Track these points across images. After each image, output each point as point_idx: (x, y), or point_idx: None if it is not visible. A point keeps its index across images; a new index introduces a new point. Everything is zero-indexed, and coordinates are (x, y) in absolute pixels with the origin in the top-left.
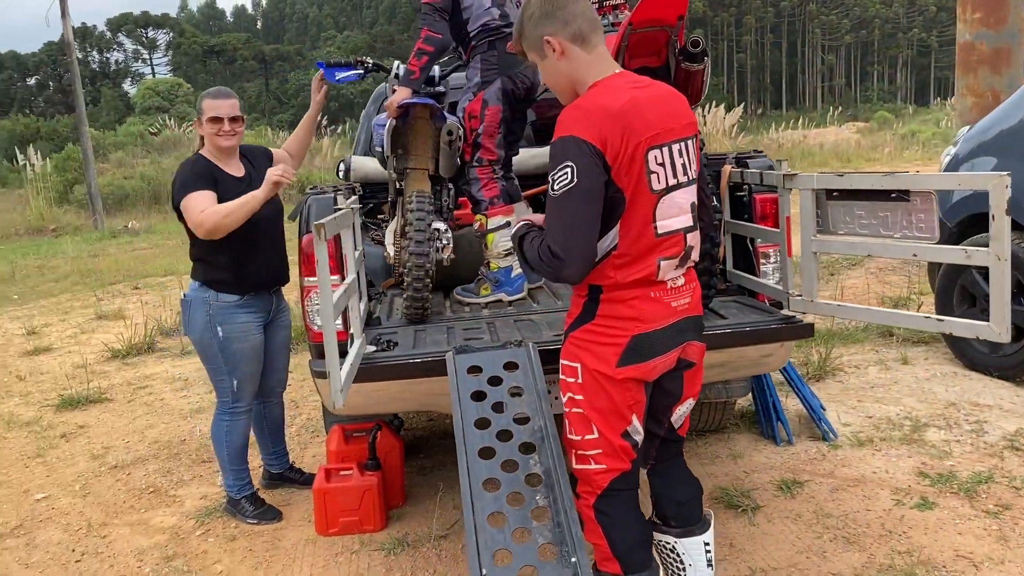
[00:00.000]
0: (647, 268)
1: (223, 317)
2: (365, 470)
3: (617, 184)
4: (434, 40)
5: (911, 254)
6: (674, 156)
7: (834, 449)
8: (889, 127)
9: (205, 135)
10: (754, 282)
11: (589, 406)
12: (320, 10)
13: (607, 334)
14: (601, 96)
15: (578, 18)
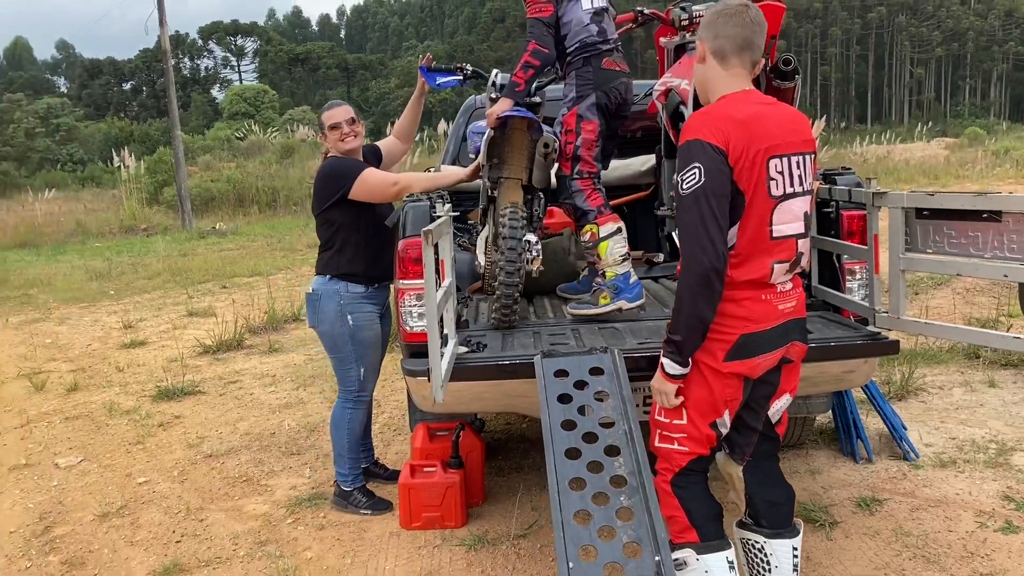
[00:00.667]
0: (761, 269)
1: (353, 306)
2: (448, 468)
3: (738, 185)
4: (541, 55)
5: (1002, 275)
6: (792, 167)
7: (915, 469)
8: (980, 143)
9: (331, 144)
10: (840, 298)
11: (689, 395)
12: (401, 20)
13: (717, 330)
14: (728, 106)
15: (726, 38)
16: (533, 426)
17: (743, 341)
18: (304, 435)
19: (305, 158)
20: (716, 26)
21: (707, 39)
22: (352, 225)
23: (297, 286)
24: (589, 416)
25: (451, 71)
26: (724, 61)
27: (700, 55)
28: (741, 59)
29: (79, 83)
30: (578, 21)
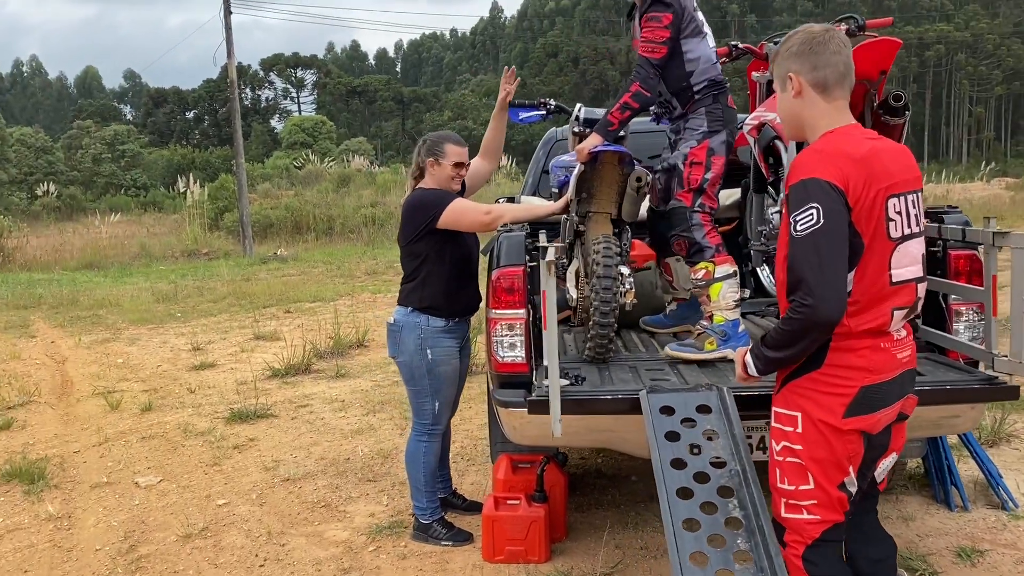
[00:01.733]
0: (881, 317)
1: (433, 340)
2: (533, 501)
3: (856, 228)
4: (643, 98)
5: None
6: (909, 206)
7: (1015, 519)
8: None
9: (442, 176)
10: (950, 340)
11: (808, 456)
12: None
13: (835, 383)
14: (841, 142)
15: (827, 67)
16: (609, 461)
17: (863, 394)
18: (379, 462)
19: (360, 187)
20: (814, 55)
21: (803, 71)
22: (438, 257)
23: (359, 312)
24: (698, 455)
25: (534, 106)
26: (827, 93)
27: (796, 89)
28: (844, 89)
29: (144, 111)
30: (707, 58)
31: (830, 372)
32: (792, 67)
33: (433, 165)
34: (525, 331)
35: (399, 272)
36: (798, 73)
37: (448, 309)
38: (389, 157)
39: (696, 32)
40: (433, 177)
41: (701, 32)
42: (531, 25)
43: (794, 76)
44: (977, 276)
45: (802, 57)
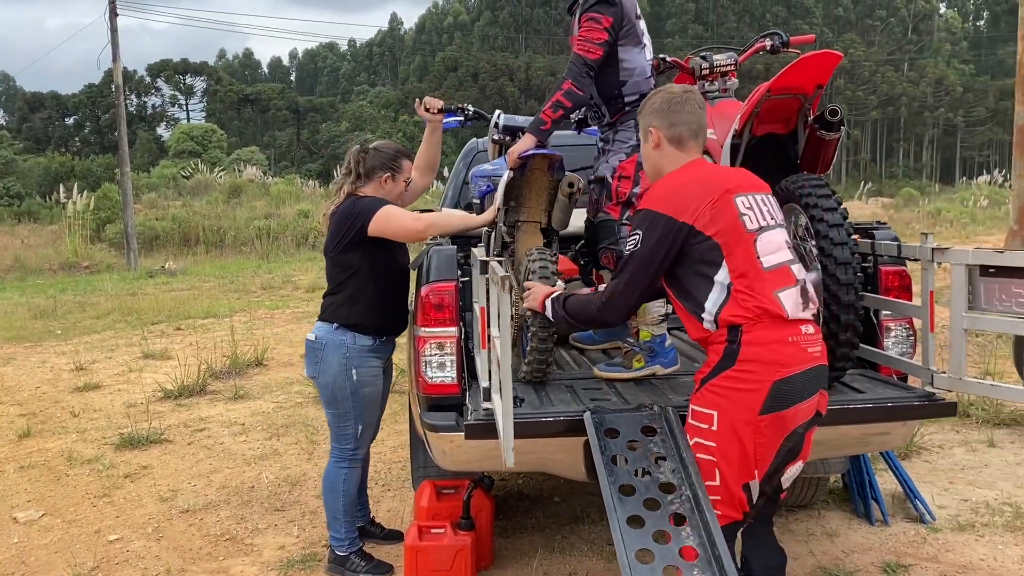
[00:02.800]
0: (768, 301)
1: (359, 360)
2: (458, 529)
3: (705, 232)
4: (575, 96)
5: None
6: (758, 203)
7: (933, 532)
8: (915, 204)
9: (393, 192)
10: (889, 357)
11: (720, 454)
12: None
13: (749, 379)
14: (683, 171)
15: (683, 126)
16: (531, 482)
17: (777, 389)
18: (286, 489)
19: (253, 198)
20: (671, 114)
21: (662, 127)
22: (369, 272)
23: (256, 328)
24: (646, 479)
25: (451, 111)
26: (682, 146)
27: (655, 141)
28: (697, 143)
29: (19, 116)
30: (641, 71)
31: (743, 369)
32: (653, 122)
33: (388, 180)
34: (456, 350)
35: (297, 286)
36: (657, 128)
37: (377, 327)
38: (283, 168)
39: (635, 41)
40: (382, 191)
41: (640, 42)
42: (429, 39)
43: (654, 130)
44: (906, 292)
45: (661, 114)
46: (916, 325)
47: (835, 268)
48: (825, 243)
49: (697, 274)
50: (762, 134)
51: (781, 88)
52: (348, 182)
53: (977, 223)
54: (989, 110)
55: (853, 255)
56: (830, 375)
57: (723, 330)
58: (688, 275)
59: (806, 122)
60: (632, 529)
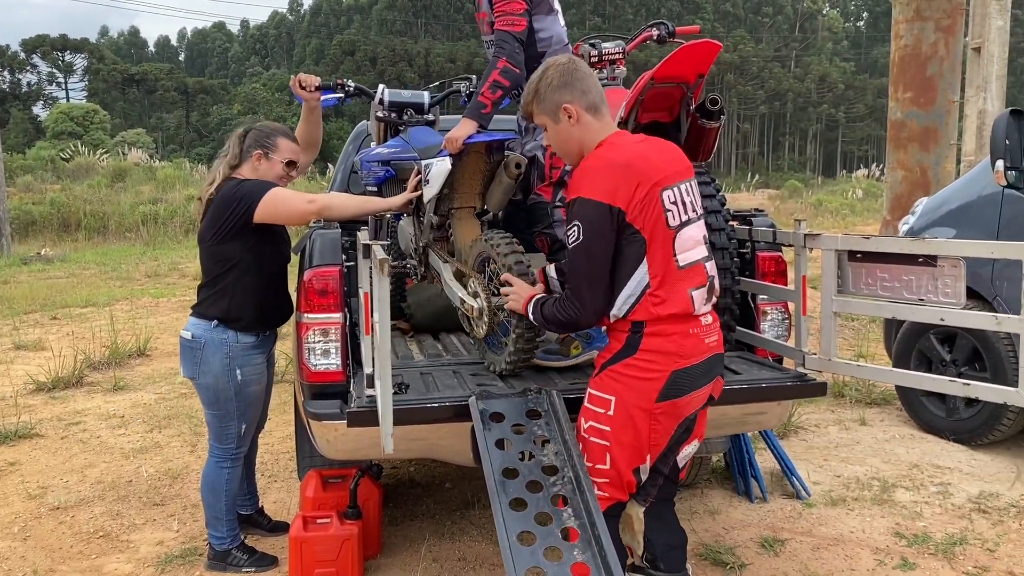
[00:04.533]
0: (682, 301)
1: (243, 359)
2: (345, 518)
3: (635, 226)
4: (512, 74)
5: (938, 319)
6: (682, 195)
7: (808, 507)
8: (799, 195)
9: (269, 174)
10: (765, 340)
11: (614, 439)
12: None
13: (649, 368)
14: (608, 152)
15: (593, 90)
16: (422, 469)
17: (674, 378)
18: (167, 483)
19: (139, 183)
20: (579, 82)
21: (576, 99)
22: (253, 262)
23: (139, 318)
24: (530, 463)
25: (329, 87)
26: (598, 112)
27: (574, 117)
28: (607, 107)
29: None
30: (558, 38)
31: (644, 358)
32: (564, 98)
33: (260, 159)
34: (341, 337)
35: (184, 274)
36: (571, 102)
37: (260, 321)
38: (172, 151)
39: (547, 9)
40: (257, 173)
41: (553, 8)
42: (327, 21)
43: (569, 106)
44: (782, 277)
45: (569, 87)
46: (791, 309)
47: (713, 253)
48: None
49: (622, 268)
50: (647, 122)
51: (664, 76)
52: (226, 163)
53: (856, 214)
54: (868, 107)
55: (730, 241)
56: None
57: (626, 322)
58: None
59: (688, 111)
60: (514, 512)
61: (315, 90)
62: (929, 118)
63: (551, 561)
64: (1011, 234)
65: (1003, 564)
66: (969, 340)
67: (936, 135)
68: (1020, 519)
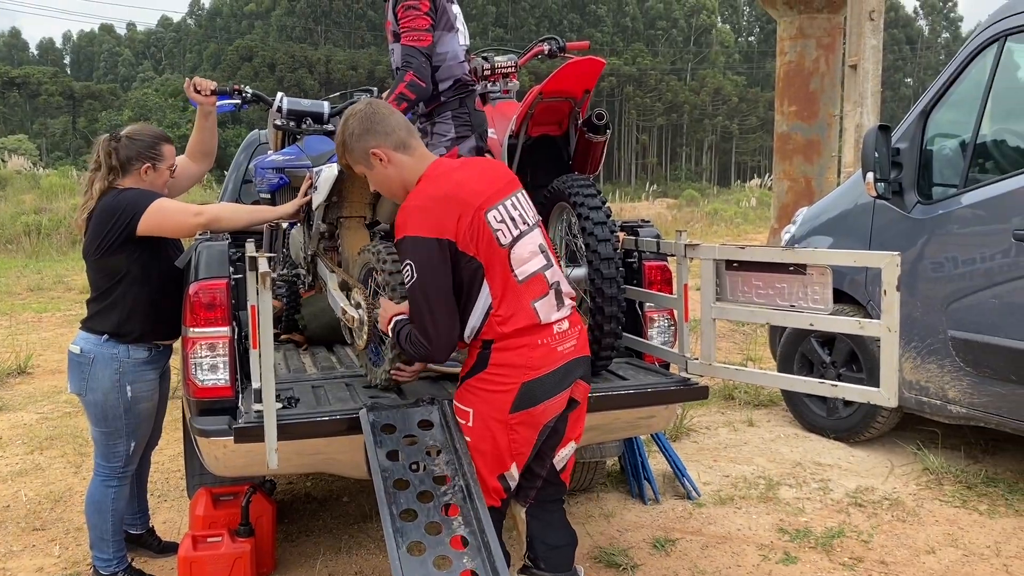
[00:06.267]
0: (526, 315)
1: (134, 375)
2: (236, 536)
3: (468, 254)
4: (418, 88)
5: (808, 324)
6: (509, 211)
7: (699, 507)
8: (696, 204)
9: (157, 183)
10: (651, 346)
11: (474, 448)
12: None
13: (499, 382)
14: (427, 187)
15: (397, 129)
16: (319, 484)
17: (525, 389)
18: (47, 507)
19: (20, 191)
20: (377, 128)
21: (383, 142)
22: (141, 275)
23: (19, 334)
24: (421, 473)
25: (226, 92)
26: (407, 148)
27: (385, 161)
28: (416, 139)
29: None
30: (453, 55)
31: (494, 372)
32: (370, 144)
33: (148, 171)
34: (229, 351)
35: (70, 287)
36: (379, 146)
37: (153, 335)
38: (57, 159)
39: (448, 26)
40: (144, 183)
41: (453, 27)
42: (226, 25)
43: (378, 151)
44: (667, 285)
45: (371, 132)
46: (676, 316)
47: (599, 263)
48: (590, 240)
49: (461, 294)
50: (537, 135)
51: (552, 91)
52: (99, 177)
53: (749, 222)
54: (760, 119)
55: (615, 251)
56: (598, 364)
57: (478, 341)
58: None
59: (576, 125)
60: (405, 523)
61: (210, 95)
62: (812, 131)
63: (441, 570)
64: (882, 242)
65: (876, 555)
66: (847, 343)
67: (819, 147)
68: (892, 511)
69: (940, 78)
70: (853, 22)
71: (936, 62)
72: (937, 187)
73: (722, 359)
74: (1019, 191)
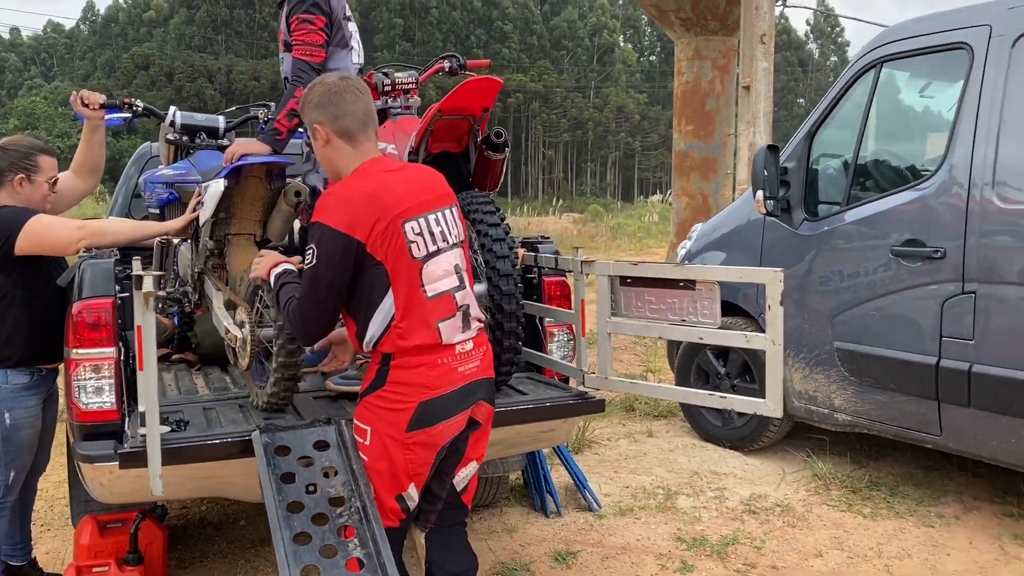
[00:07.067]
0: (429, 333)
1: (13, 401)
2: (124, 565)
3: (376, 258)
4: None
5: (698, 337)
6: (431, 225)
7: (599, 519)
8: (601, 219)
9: (34, 197)
10: (549, 360)
11: (372, 467)
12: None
13: (396, 400)
14: (356, 182)
15: (348, 117)
16: (215, 508)
17: (422, 409)
18: None
19: None
20: (334, 106)
21: (327, 122)
22: (20, 297)
23: None
24: (316, 495)
25: (115, 106)
26: (352, 139)
27: (324, 138)
28: (367, 133)
29: None
30: (345, 69)
31: (392, 390)
32: (316, 118)
33: (22, 183)
34: (115, 373)
35: None
36: (322, 124)
37: (34, 359)
38: None
39: (343, 43)
40: (18, 198)
41: (348, 45)
42: (124, 32)
43: (319, 127)
44: (566, 300)
45: (323, 108)
46: (575, 330)
47: (498, 279)
48: (489, 256)
49: (367, 297)
50: (438, 152)
51: (451, 109)
52: None
53: (651, 236)
54: (661, 136)
55: (514, 267)
56: (498, 379)
57: (378, 353)
58: (360, 296)
59: (476, 142)
60: (299, 546)
61: (99, 108)
62: (708, 149)
63: None
64: (772, 257)
65: (768, 560)
66: (740, 355)
67: (715, 165)
68: (784, 517)
69: (824, 101)
70: (745, 45)
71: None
72: (823, 205)
73: (624, 371)
74: (896, 209)
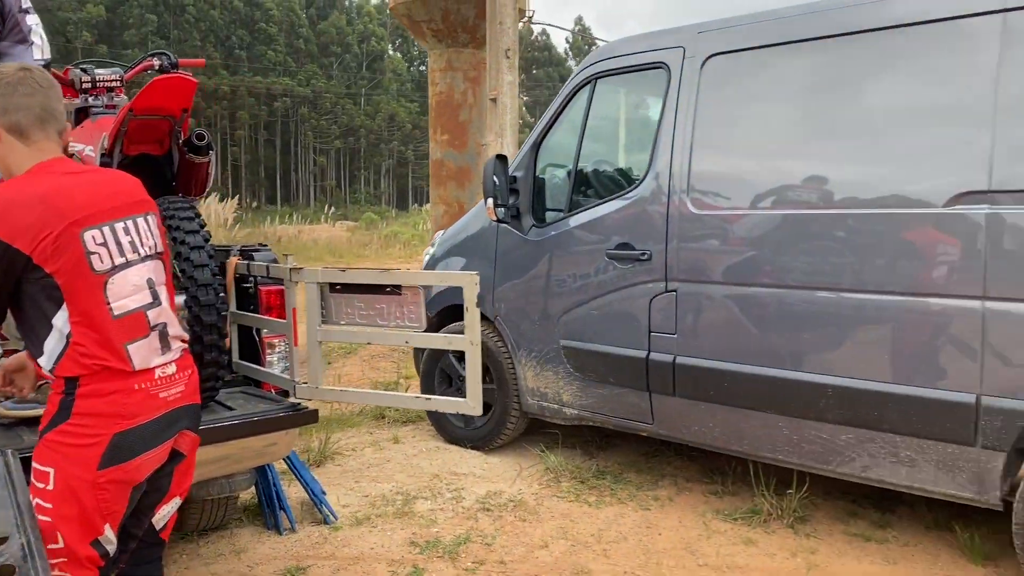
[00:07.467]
0: (116, 356)
1: None
2: None
3: (45, 270)
4: None
5: (404, 341)
6: (118, 235)
7: (335, 531)
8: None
9: None
10: (261, 372)
11: (57, 514)
12: None
13: (85, 434)
14: (25, 183)
15: (20, 111)
16: None
17: (117, 441)
18: None
19: None
20: (3, 99)
21: None
22: None
23: None
24: None
25: None
26: (24, 136)
27: None
28: (45, 131)
29: None
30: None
31: (79, 423)
32: None
33: None
34: None
35: None
36: None
37: None
38: None
39: (21, 39)
40: None
41: (27, 40)
42: None
43: None
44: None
45: None
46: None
47: (196, 290)
48: (186, 265)
49: (37, 313)
50: (137, 154)
51: (144, 109)
52: None
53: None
54: None
55: (214, 276)
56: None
57: (60, 380)
58: (28, 312)
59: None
60: None
61: None
62: (463, 159)
63: None
64: (506, 262)
65: (497, 555)
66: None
67: (469, 174)
68: (515, 512)
69: (547, 113)
70: (492, 59)
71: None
72: (549, 212)
73: (379, 379)
74: (610, 215)
